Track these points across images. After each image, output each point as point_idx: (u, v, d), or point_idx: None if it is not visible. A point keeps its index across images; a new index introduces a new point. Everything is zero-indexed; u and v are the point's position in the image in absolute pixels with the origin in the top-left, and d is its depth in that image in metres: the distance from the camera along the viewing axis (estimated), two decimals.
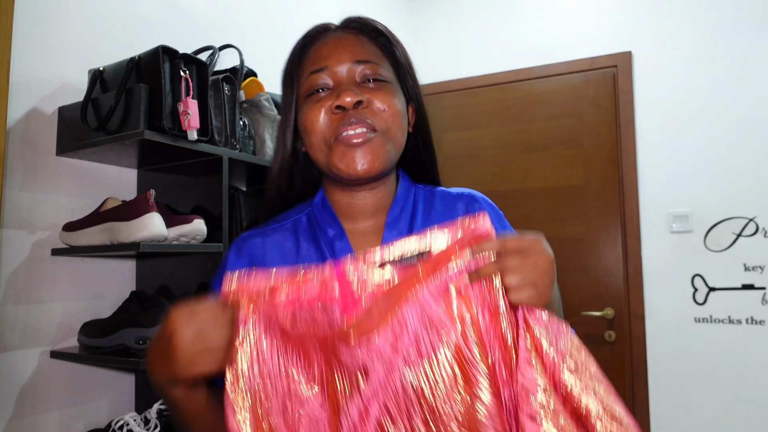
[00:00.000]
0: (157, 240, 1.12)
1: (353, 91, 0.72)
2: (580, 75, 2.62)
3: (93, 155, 1.25)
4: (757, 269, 2.24)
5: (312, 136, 0.74)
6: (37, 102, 1.22)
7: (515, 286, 0.60)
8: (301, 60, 0.79)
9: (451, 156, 2.87)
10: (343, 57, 0.75)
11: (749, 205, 2.26)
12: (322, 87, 0.75)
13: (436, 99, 2.96)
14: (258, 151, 1.45)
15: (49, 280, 1.23)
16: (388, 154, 0.74)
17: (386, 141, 0.73)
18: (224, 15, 1.79)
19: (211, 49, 1.39)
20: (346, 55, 0.75)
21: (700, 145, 2.37)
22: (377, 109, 0.73)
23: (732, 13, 2.35)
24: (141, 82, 1.14)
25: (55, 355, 1.20)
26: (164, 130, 1.12)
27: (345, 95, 0.71)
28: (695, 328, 2.33)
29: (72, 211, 1.28)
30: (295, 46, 0.81)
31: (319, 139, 0.74)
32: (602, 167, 2.53)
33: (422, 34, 3.03)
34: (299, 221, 0.80)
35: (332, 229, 0.77)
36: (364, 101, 0.72)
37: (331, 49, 0.76)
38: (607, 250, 2.50)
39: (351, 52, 0.76)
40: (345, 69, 0.75)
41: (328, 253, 0.74)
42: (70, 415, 1.25)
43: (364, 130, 0.72)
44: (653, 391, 2.39)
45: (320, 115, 0.73)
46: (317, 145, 0.74)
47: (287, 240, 0.77)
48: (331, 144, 0.73)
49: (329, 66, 0.75)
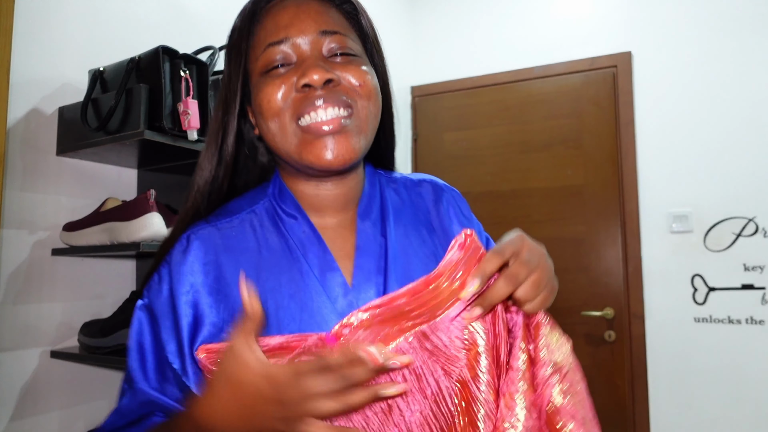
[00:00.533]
0: (157, 240, 1.12)
1: (322, 67, 0.61)
2: (580, 75, 2.62)
3: (93, 155, 1.25)
4: (756, 269, 2.24)
5: (270, 119, 0.63)
6: (38, 102, 1.22)
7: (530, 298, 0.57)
8: (253, 29, 0.67)
9: (451, 156, 2.88)
10: (306, 27, 0.64)
11: (749, 205, 2.26)
12: (282, 62, 0.64)
13: (436, 99, 2.96)
14: None
15: (49, 280, 1.23)
16: (364, 141, 0.65)
17: (360, 124, 0.64)
18: (224, 15, 1.78)
19: (211, 49, 1.39)
20: (310, 25, 0.64)
21: (700, 145, 2.37)
22: (350, 87, 0.64)
23: (732, 13, 2.35)
24: (141, 82, 1.14)
25: (55, 355, 1.20)
26: (164, 130, 1.12)
27: (312, 71, 0.61)
28: (695, 328, 2.33)
29: (72, 211, 1.28)
30: (244, 12, 0.68)
31: (280, 123, 0.63)
32: (602, 167, 2.53)
33: (422, 33, 3.03)
34: (254, 214, 0.68)
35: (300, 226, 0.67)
36: (335, 79, 0.62)
37: (292, 17, 0.65)
38: (607, 250, 2.50)
39: (315, 20, 0.65)
40: (309, 41, 0.64)
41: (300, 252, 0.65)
42: (70, 415, 1.25)
43: (336, 113, 0.62)
44: (653, 391, 2.39)
45: (280, 93, 0.62)
46: (277, 130, 0.63)
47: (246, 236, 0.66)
48: (295, 129, 0.63)
49: (290, 37, 0.64)
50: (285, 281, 0.63)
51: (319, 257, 0.65)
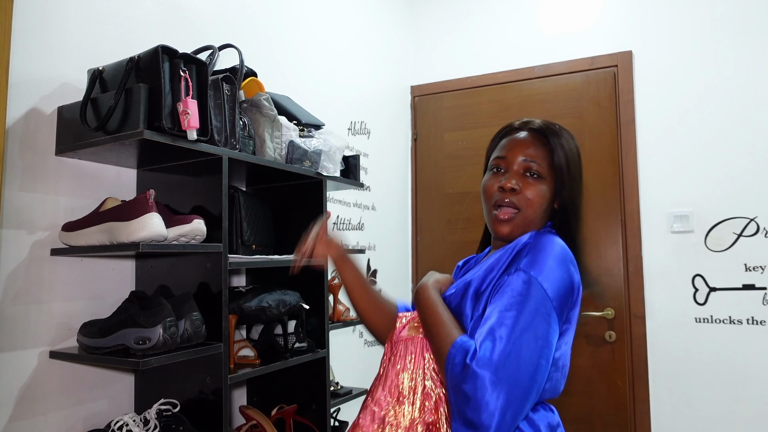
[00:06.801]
0: (156, 240, 1.11)
1: (514, 183, 1.03)
2: (580, 75, 2.61)
3: (92, 155, 1.25)
4: (757, 269, 2.23)
5: (484, 199, 1.09)
6: (37, 102, 1.22)
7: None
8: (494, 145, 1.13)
9: (451, 156, 2.87)
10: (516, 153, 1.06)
11: (750, 205, 2.26)
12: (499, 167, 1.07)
13: (436, 99, 2.96)
14: (258, 151, 1.45)
15: (49, 280, 1.22)
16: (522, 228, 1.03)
17: (523, 219, 1.03)
18: (224, 15, 1.78)
19: (210, 48, 1.39)
20: (518, 153, 1.05)
21: (701, 144, 2.36)
22: (525, 196, 1.03)
23: (732, 13, 2.35)
24: (140, 81, 1.13)
25: (55, 355, 1.20)
26: (164, 129, 1.11)
27: (507, 182, 1.03)
28: (696, 328, 2.33)
29: (71, 211, 1.27)
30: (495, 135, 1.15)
31: (486, 204, 1.08)
32: (603, 167, 2.53)
33: (422, 33, 3.03)
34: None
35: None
36: (518, 189, 1.03)
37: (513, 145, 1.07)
38: (607, 250, 2.49)
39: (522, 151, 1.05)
40: (515, 162, 1.05)
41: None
42: (70, 416, 1.25)
43: (509, 212, 1.03)
44: (654, 391, 2.38)
45: (495, 186, 1.05)
46: (485, 206, 1.09)
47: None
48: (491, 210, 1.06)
49: (506, 157, 1.06)
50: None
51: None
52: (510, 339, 0.85)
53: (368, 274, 2.55)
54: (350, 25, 2.48)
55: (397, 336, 1.03)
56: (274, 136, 1.49)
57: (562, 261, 0.96)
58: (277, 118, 1.49)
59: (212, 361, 1.24)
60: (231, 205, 1.43)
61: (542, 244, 0.97)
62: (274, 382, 1.68)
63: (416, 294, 1.04)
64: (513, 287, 0.91)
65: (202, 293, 1.27)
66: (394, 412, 0.94)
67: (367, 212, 2.57)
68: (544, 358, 0.87)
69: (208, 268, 1.27)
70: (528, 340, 0.85)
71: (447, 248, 2.85)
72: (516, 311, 0.87)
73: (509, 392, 0.82)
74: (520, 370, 0.84)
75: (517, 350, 0.84)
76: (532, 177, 1.04)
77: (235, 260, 1.33)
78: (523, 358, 0.84)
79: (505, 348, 0.84)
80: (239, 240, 1.44)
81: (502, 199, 1.04)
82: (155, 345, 1.09)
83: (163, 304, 1.14)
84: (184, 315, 1.16)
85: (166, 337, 1.10)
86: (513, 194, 1.03)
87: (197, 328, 1.17)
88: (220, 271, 1.25)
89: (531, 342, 0.86)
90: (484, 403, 0.81)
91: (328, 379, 1.63)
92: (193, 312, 1.17)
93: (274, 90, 1.73)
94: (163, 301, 1.16)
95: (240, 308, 1.38)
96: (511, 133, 1.10)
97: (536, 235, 1.00)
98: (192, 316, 1.17)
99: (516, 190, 1.02)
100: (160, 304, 1.14)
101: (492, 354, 0.84)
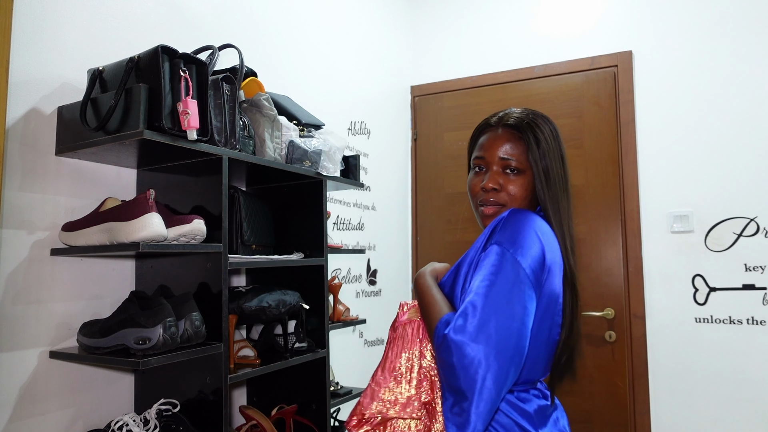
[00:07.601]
0: (156, 240, 1.11)
1: (494, 183, 1.08)
2: (580, 75, 2.61)
3: (92, 155, 1.25)
4: (758, 269, 2.23)
5: (471, 197, 1.15)
6: (37, 101, 1.22)
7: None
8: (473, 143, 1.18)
9: (451, 156, 2.87)
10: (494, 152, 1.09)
11: (750, 205, 2.26)
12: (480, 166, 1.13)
13: (436, 99, 2.96)
14: (258, 151, 1.45)
15: (49, 280, 1.22)
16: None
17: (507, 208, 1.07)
18: (224, 15, 1.78)
19: (210, 48, 1.39)
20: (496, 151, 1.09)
21: (701, 144, 2.36)
22: (507, 192, 1.07)
23: (732, 13, 2.35)
24: (140, 81, 1.13)
25: (55, 355, 1.20)
26: (164, 129, 1.11)
27: (489, 183, 1.08)
28: (696, 328, 2.33)
29: (71, 211, 1.27)
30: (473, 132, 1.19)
31: (473, 201, 1.14)
32: (603, 167, 2.53)
33: (422, 33, 3.03)
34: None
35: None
36: (499, 188, 1.08)
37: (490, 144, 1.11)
38: (607, 250, 2.50)
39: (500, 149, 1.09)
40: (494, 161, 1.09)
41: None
42: (70, 416, 1.25)
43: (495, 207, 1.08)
44: (654, 391, 2.38)
45: (478, 186, 1.11)
46: (472, 203, 1.16)
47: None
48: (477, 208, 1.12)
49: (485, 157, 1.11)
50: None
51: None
52: (485, 307, 0.89)
53: (368, 274, 2.56)
54: (350, 25, 2.48)
55: (398, 321, 1.08)
56: (274, 136, 1.49)
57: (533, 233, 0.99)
58: (277, 118, 1.49)
59: (212, 361, 1.24)
60: (231, 205, 1.43)
61: (516, 218, 1.01)
62: (274, 382, 1.68)
63: (414, 281, 1.11)
64: (488, 260, 0.96)
65: (202, 293, 1.27)
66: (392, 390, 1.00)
67: (367, 212, 2.57)
68: (521, 324, 0.90)
69: (208, 268, 1.27)
70: (502, 306, 0.89)
71: (447, 248, 2.85)
72: (489, 281, 0.92)
73: (487, 357, 0.86)
74: (498, 336, 0.87)
75: (492, 317, 0.88)
76: (513, 173, 1.08)
77: (235, 260, 1.33)
78: (500, 324, 0.88)
79: (481, 316, 0.88)
80: (239, 240, 1.44)
81: (487, 198, 1.09)
82: (155, 345, 1.09)
83: (163, 304, 1.14)
84: (184, 315, 1.16)
85: (166, 337, 1.10)
86: (495, 193, 1.08)
87: (197, 328, 1.17)
88: (220, 271, 1.25)
89: (505, 308, 0.89)
90: (463, 368, 0.86)
91: (328, 379, 1.63)
92: (193, 312, 1.17)
93: (274, 90, 1.73)
94: (163, 301, 1.16)
95: (240, 308, 1.38)
96: (488, 131, 1.13)
97: (513, 211, 1.04)
98: (192, 316, 1.17)
99: (497, 190, 1.07)
100: (160, 304, 1.14)
101: (467, 322, 0.88)
